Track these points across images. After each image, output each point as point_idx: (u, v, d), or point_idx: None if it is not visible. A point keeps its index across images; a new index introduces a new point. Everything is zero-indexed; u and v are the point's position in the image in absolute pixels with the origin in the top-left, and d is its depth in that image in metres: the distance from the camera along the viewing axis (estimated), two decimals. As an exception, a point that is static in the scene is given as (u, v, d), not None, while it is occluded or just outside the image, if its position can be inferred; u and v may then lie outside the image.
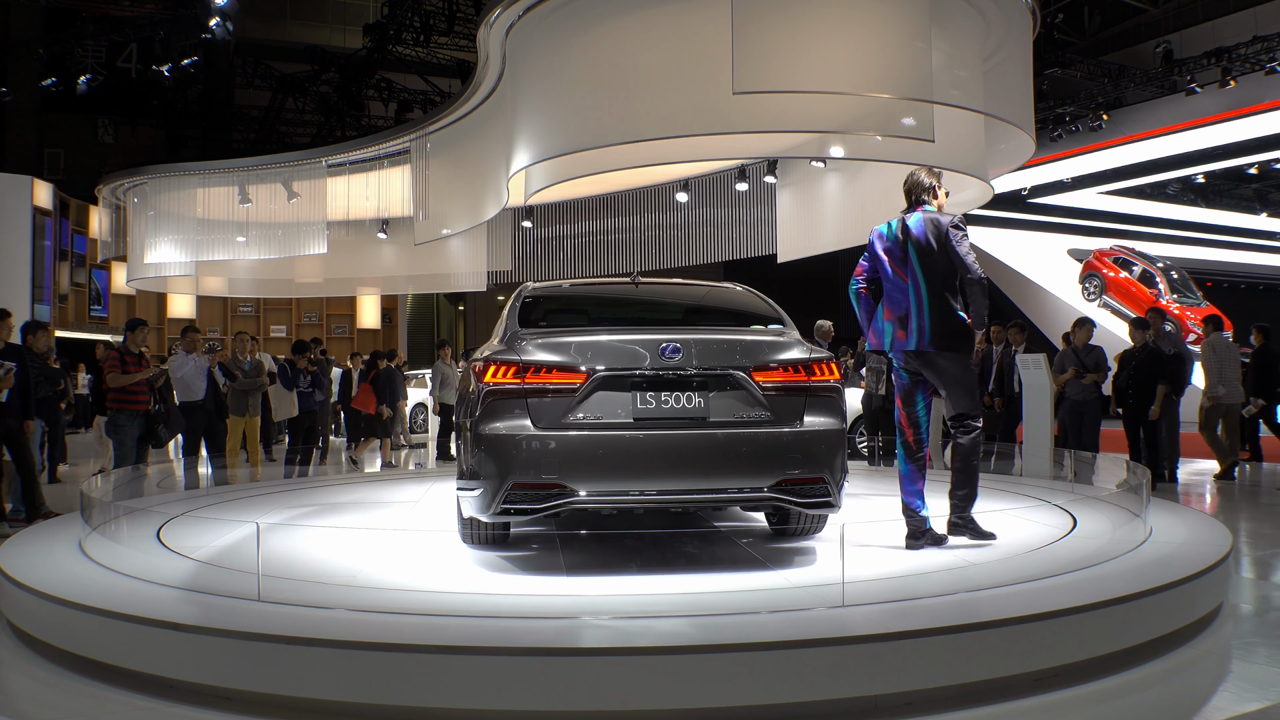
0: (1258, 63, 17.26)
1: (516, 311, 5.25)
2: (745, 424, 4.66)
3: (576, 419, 4.55)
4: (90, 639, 3.99)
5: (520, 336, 4.88)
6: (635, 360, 4.62)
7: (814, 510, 4.84)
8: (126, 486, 7.91)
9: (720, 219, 14.10)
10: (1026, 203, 23.76)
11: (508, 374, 4.58)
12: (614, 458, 4.52)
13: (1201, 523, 5.87)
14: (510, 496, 4.50)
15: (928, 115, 7.77)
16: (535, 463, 4.49)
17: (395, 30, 20.39)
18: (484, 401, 4.60)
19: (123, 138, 25.23)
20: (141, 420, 8.86)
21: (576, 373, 4.57)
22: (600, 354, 4.63)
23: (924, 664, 3.52)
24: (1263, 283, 27.19)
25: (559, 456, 4.49)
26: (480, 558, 5.18)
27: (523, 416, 4.54)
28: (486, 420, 4.57)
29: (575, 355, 4.62)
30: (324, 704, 3.48)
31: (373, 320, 25.65)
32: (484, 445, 4.56)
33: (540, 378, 4.56)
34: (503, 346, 4.88)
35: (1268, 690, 3.73)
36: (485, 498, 4.58)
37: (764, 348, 4.82)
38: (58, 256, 20.33)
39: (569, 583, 4.62)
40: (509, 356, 4.66)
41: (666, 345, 4.63)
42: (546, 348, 4.68)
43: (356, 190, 15.14)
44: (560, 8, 8.58)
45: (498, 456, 4.52)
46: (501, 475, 4.50)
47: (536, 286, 5.69)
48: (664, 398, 4.62)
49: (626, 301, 5.80)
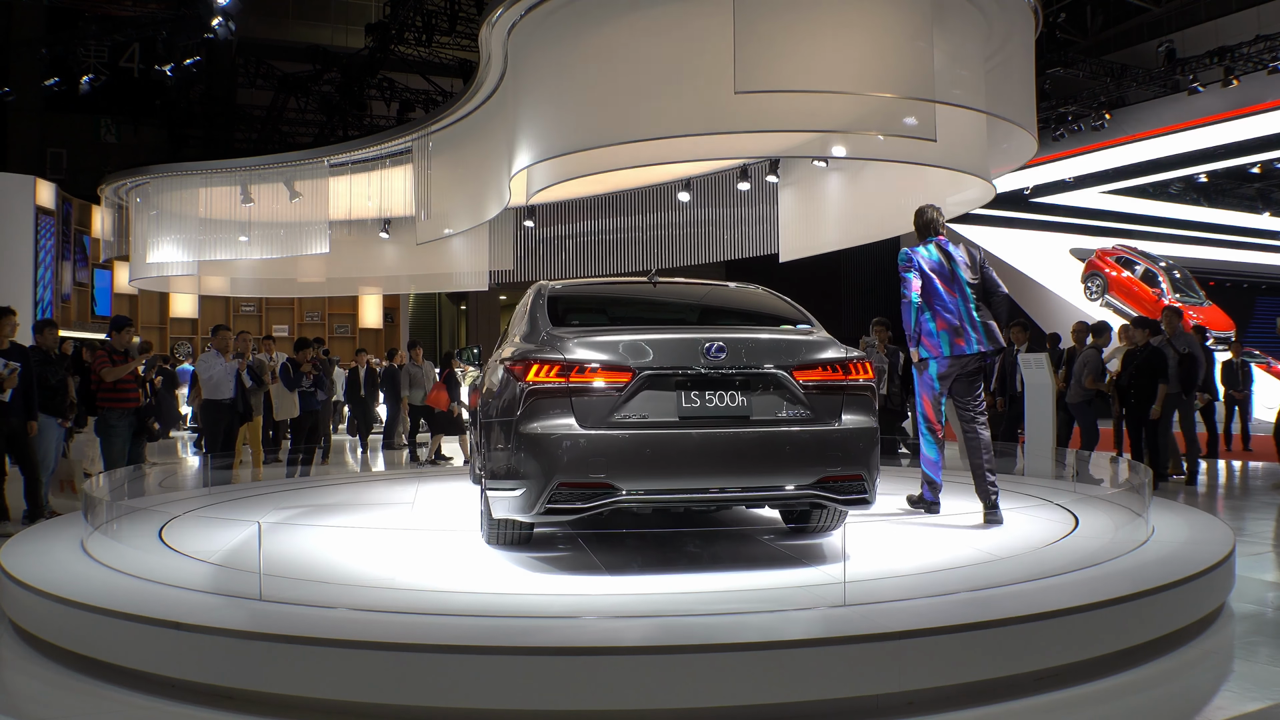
0: (1260, 62, 17.25)
1: (545, 310, 5.20)
2: (787, 422, 4.70)
3: (622, 418, 4.53)
4: (92, 638, 3.99)
5: (559, 335, 4.82)
6: (681, 359, 4.62)
7: (852, 507, 4.86)
8: (128, 486, 7.92)
9: (722, 218, 14.11)
10: (1029, 202, 23.74)
11: (551, 373, 4.54)
12: (661, 456, 4.51)
13: (1204, 522, 5.87)
14: (556, 496, 4.46)
15: (930, 114, 7.77)
16: (582, 462, 4.45)
17: (397, 30, 20.41)
18: (526, 401, 4.54)
19: (125, 137, 25.25)
20: (132, 418, 8.85)
21: (623, 371, 4.54)
22: (646, 353, 4.62)
23: (926, 663, 3.51)
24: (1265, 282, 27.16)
25: (606, 455, 4.46)
26: (480, 557, 5.18)
27: (567, 415, 4.50)
28: (529, 419, 4.52)
29: (621, 354, 4.59)
30: (326, 703, 3.48)
31: (375, 320, 25.65)
32: (527, 445, 4.51)
33: (585, 376, 4.53)
34: (535, 345, 4.83)
35: (1270, 690, 3.73)
36: (527, 498, 4.53)
37: (804, 347, 4.87)
38: (60, 256, 20.35)
39: (569, 582, 4.62)
40: (552, 355, 4.60)
41: (712, 344, 4.64)
42: (591, 346, 4.63)
43: (358, 190, 15.16)
44: (562, 7, 8.59)
45: (543, 456, 4.47)
46: (547, 475, 4.45)
47: (558, 285, 5.66)
48: (709, 396, 4.63)
49: (656, 301, 5.79)
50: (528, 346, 4.87)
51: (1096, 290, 22.77)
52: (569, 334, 4.81)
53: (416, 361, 13.50)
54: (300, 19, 26.53)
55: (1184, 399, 10.39)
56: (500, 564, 5.02)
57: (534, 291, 5.61)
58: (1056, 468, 8.64)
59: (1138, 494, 5.75)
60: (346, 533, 5.83)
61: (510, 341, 5.74)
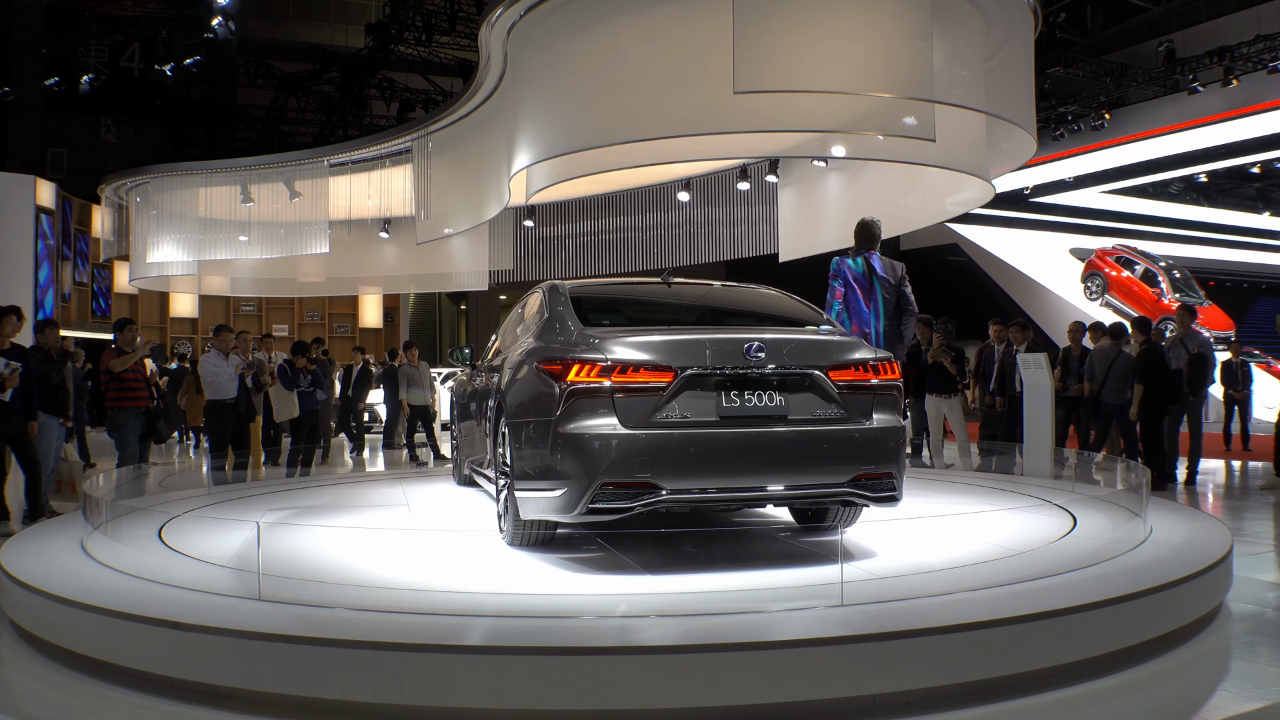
0: (1260, 62, 17.25)
1: (570, 310, 5.19)
2: (823, 421, 4.76)
3: (664, 417, 4.55)
4: (92, 638, 4.00)
5: (595, 335, 4.81)
6: (722, 359, 4.64)
7: (882, 505, 4.92)
8: (129, 485, 7.92)
9: (722, 218, 14.13)
10: (1028, 202, 23.75)
11: (593, 373, 4.53)
12: (703, 455, 4.53)
13: (1202, 522, 5.87)
14: (599, 496, 4.46)
15: (929, 114, 7.78)
16: (626, 462, 4.45)
17: (397, 29, 20.42)
18: (566, 401, 4.52)
19: (125, 137, 25.25)
20: (142, 417, 8.89)
21: (665, 371, 4.55)
22: (687, 353, 4.63)
23: (923, 663, 3.52)
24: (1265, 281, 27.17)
25: (650, 455, 4.47)
26: (477, 557, 5.19)
27: (610, 415, 4.50)
28: (570, 419, 4.52)
29: (663, 354, 4.60)
30: (325, 703, 3.48)
31: (375, 319, 25.65)
32: (567, 445, 4.50)
33: (628, 376, 4.53)
34: (566, 345, 4.82)
35: (1267, 690, 3.73)
36: (568, 498, 4.52)
37: (837, 347, 4.93)
38: (60, 256, 20.35)
39: (569, 582, 4.62)
40: (593, 355, 4.59)
41: (752, 345, 4.67)
42: (632, 346, 4.63)
43: (358, 189, 15.18)
44: (562, 7, 8.60)
45: (585, 456, 4.46)
46: (590, 475, 4.45)
47: (577, 285, 5.66)
48: (748, 396, 4.67)
49: (679, 302, 5.81)
50: (557, 346, 4.86)
51: (1096, 290, 22.77)
52: (605, 334, 4.80)
53: (413, 362, 13.50)
54: (300, 19, 26.52)
55: (1191, 400, 10.39)
56: (499, 564, 5.02)
57: (548, 291, 5.60)
58: (1055, 468, 8.65)
59: (1135, 494, 5.75)
60: (345, 532, 5.84)
61: (518, 342, 5.74)
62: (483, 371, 6.62)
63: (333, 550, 5.26)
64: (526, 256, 15.92)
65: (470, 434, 6.98)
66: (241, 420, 10.26)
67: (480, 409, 6.34)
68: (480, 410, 6.35)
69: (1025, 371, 9.64)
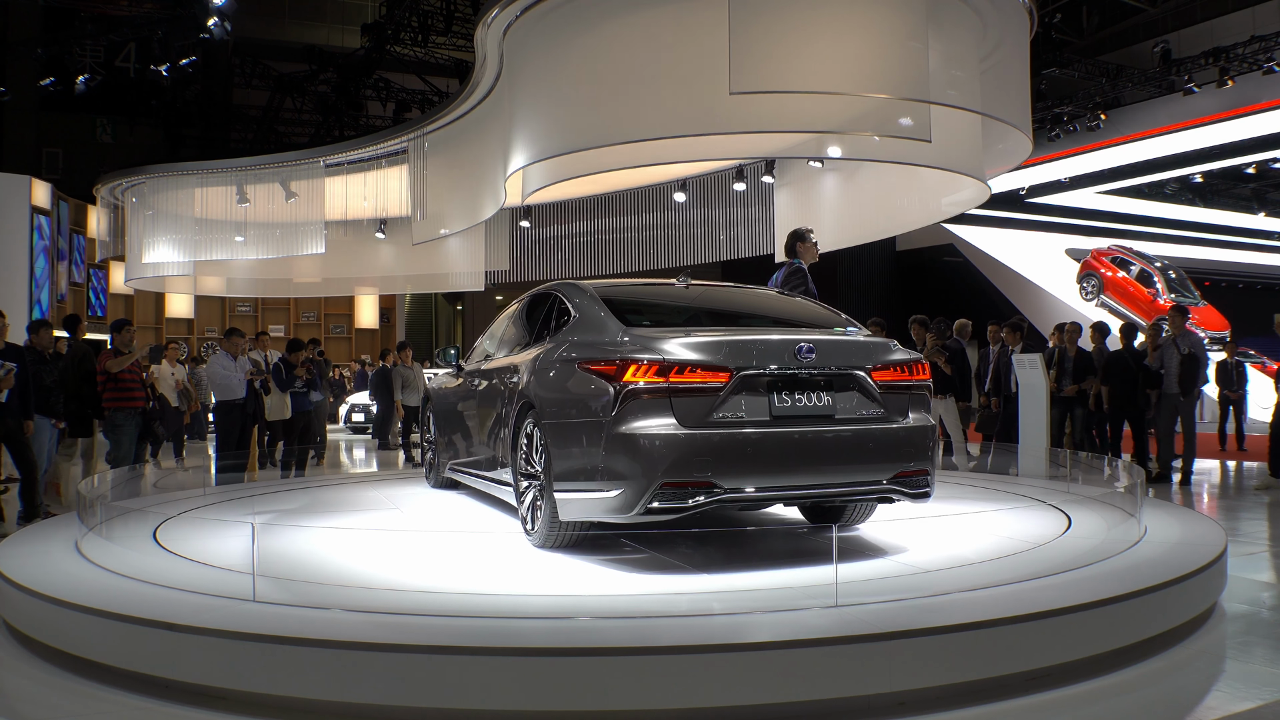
0: (1255, 62, 17.29)
1: (605, 310, 5.18)
2: (866, 421, 4.85)
3: (720, 417, 4.57)
4: (86, 639, 3.99)
5: (645, 335, 4.81)
6: (774, 360, 4.70)
7: (917, 500, 5.02)
8: (124, 486, 7.91)
9: (718, 219, 14.13)
10: (1024, 202, 23.79)
11: (650, 372, 4.53)
12: (758, 455, 4.58)
13: (1196, 522, 5.88)
14: (659, 495, 4.47)
15: (925, 115, 7.78)
16: (686, 461, 4.47)
17: (393, 30, 20.40)
18: (622, 401, 4.53)
19: (121, 137, 25.22)
20: (139, 418, 8.88)
21: (721, 371, 4.58)
22: (741, 353, 4.67)
23: (917, 663, 3.52)
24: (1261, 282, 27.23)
25: (709, 454, 4.50)
26: (473, 558, 5.19)
27: (668, 415, 4.52)
28: (627, 420, 4.52)
29: (719, 354, 4.63)
30: (320, 704, 3.48)
31: (371, 320, 25.66)
32: (624, 445, 4.50)
33: (685, 376, 4.54)
34: (611, 345, 4.81)
35: (1261, 689, 3.74)
36: (625, 498, 4.52)
37: (877, 348, 5.04)
38: (56, 256, 20.32)
39: (566, 582, 4.62)
40: (649, 355, 4.59)
41: (802, 346, 4.74)
42: (688, 347, 4.64)
43: (354, 190, 15.18)
44: (558, 8, 8.59)
45: (644, 456, 4.46)
46: (649, 475, 4.45)
47: (601, 285, 5.66)
48: (798, 396, 4.74)
49: (709, 304, 5.84)
50: (604, 346, 4.84)
51: (1092, 290, 22.80)
52: (653, 334, 4.81)
53: (406, 363, 13.49)
54: (296, 19, 26.51)
55: (1183, 400, 10.41)
56: (493, 565, 5.02)
57: (570, 290, 5.60)
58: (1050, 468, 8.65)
59: (1130, 494, 5.76)
60: (340, 533, 5.83)
61: (530, 343, 5.74)
62: (478, 373, 6.55)
63: (327, 551, 5.25)
64: (522, 257, 15.91)
65: (462, 436, 6.90)
66: (249, 421, 10.30)
67: (484, 411, 6.26)
68: (483, 412, 6.27)
69: (1020, 372, 9.66)
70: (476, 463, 6.51)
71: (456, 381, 7.14)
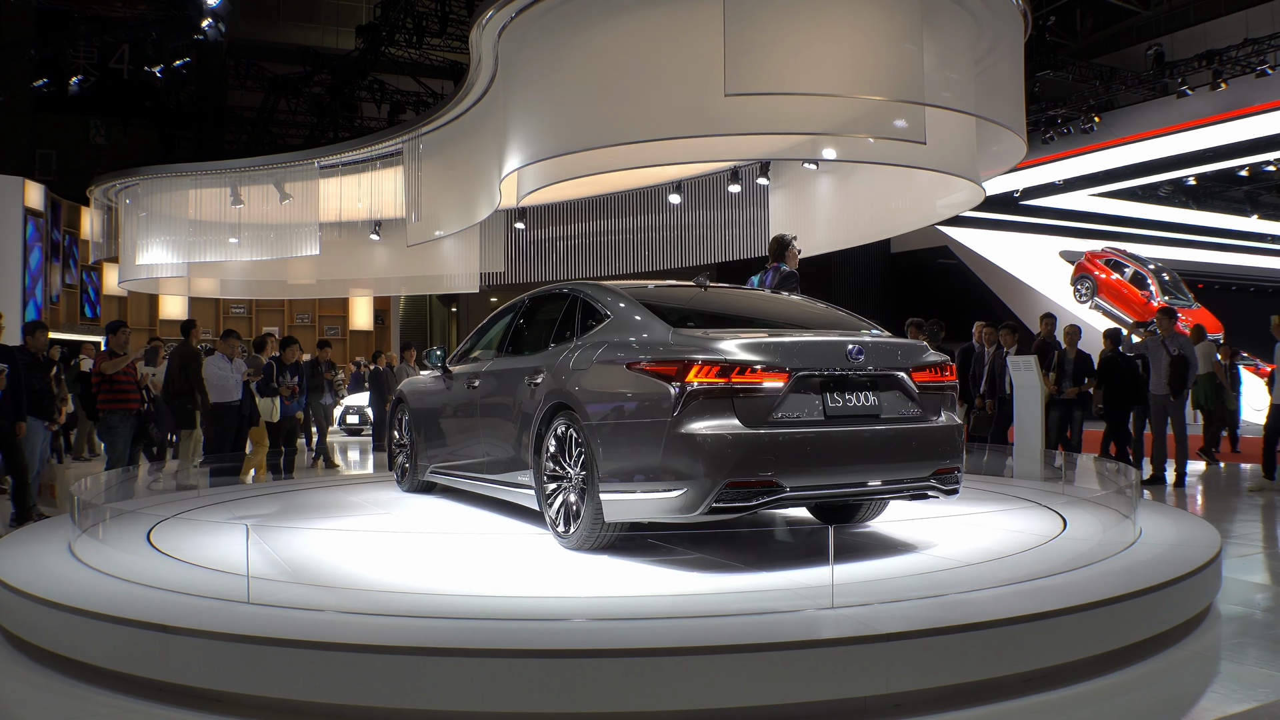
0: (1248, 65, 17.34)
1: (645, 311, 5.20)
2: (908, 420, 5.01)
3: (779, 417, 4.66)
4: (80, 641, 3.98)
5: (699, 337, 4.85)
6: (827, 360, 4.81)
7: (949, 496, 5.17)
8: (118, 488, 7.89)
9: (713, 220, 14.12)
10: (1018, 205, 23.83)
11: (712, 373, 4.58)
12: (815, 453, 4.69)
13: (1191, 524, 5.89)
14: (723, 495, 4.52)
15: (919, 117, 7.79)
16: (751, 461, 4.53)
17: (388, 31, 20.39)
18: (685, 401, 4.56)
19: (115, 138, 25.16)
20: (134, 420, 8.87)
21: (780, 372, 4.66)
22: (797, 354, 4.76)
23: (913, 665, 3.52)
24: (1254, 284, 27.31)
25: (772, 454, 4.57)
26: (469, 558, 5.18)
27: (730, 415, 4.57)
28: (690, 420, 4.55)
29: (777, 355, 4.70)
30: (315, 706, 3.47)
31: (365, 321, 25.63)
32: (688, 445, 4.53)
33: (746, 377, 4.60)
34: (661, 346, 4.83)
35: (1256, 691, 3.74)
36: (689, 498, 4.54)
37: (915, 350, 5.22)
38: (49, 257, 20.28)
39: (561, 584, 4.62)
40: (710, 356, 4.62)
41: (852, 347, 4.87)
42: (746, 348, 4.69)
43: (349, 191, 15.14)
44: (552, 9, 8.59)
45: (709, 456, 4.50)
46: (714, 475, 4.49)
47: (628, 286, 5.69)
48: (848, 396, 4.86)
49: (735, 305, 5.89)
50: (658, 347, 4.85)
51: (1086, 293, 22.85)
52: (707, 336, 4.85)
53: (410, 364, 13.47)
54: (290, 20, 26.48)
55: (1172, 401, 10.44)
56: (490, 566, 5.01)
57: (597, 291, 5.60)
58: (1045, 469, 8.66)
59: (1125, 496, 5.77)
60: (333, 535, 5.82)
61: (548, 344, 5.72)
62: (478, 375, 6.42)
63: (321, 553, 5.24)
64: (517, 259, 15.90)
65: (454, 438, 6.77)
66: (244, 423, 10.26)
67: (491, 413, 6.16)
68: (490, 414, 6.17)
69: (1015, 374, 9.67)
70: (477, 465, 6.41)
71: (442, 383, 7.01)
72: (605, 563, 4.97)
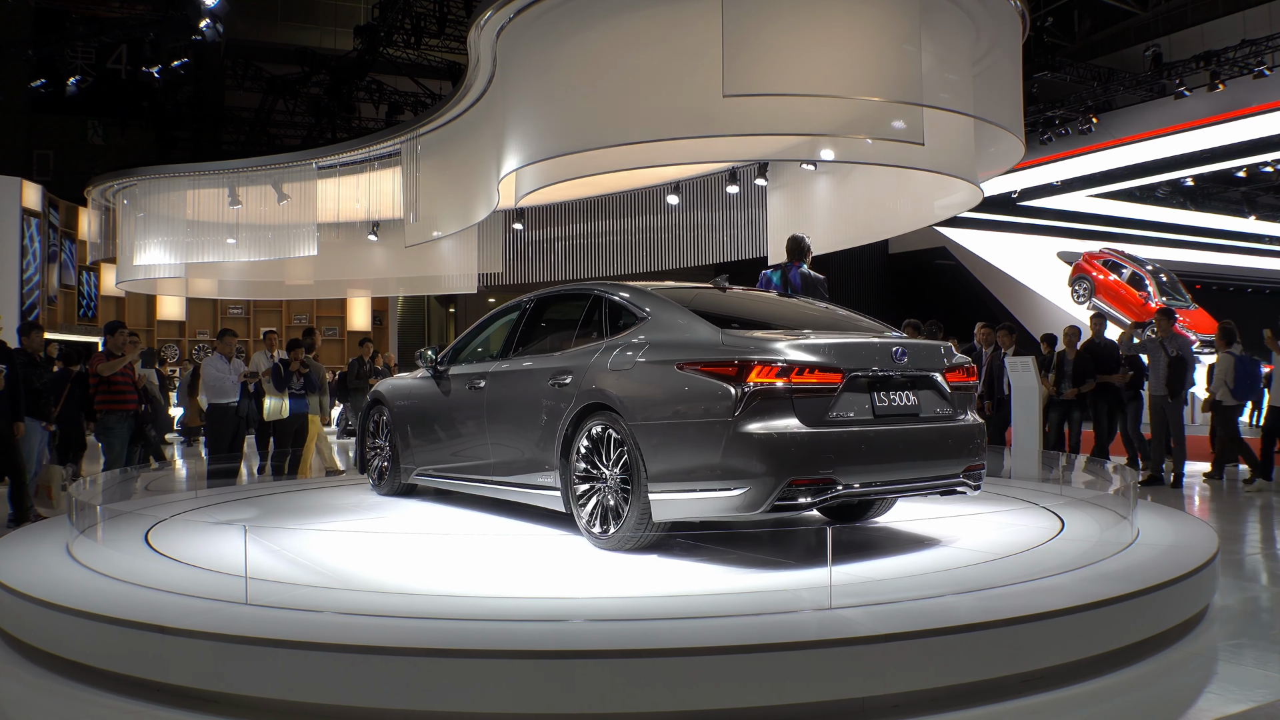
0: (1246, 66, 17.35)
1: (686, 313, 5.25)
2: (943, 419, 5.22)
3: (835, 416, 4.79)
4: (77, 642, 3.98)
5: (745, 338, 4.91)
6: (875, 361, 4.98)
7: (975, 491, 5.35)
8: (116, 489, 7.88)
9: (711, 221, 14.12)
10: (1016, 205, 23.81)
11: (773, 373, 4.67)
12: (868, 451, 4.84)
13: (1188, 525, 5.90)
14: (785, 493, 4.62)
15: (917, 118, 7.79)
16: (812, 459, 4.65)
17: (386, 32, 20.38)
18: (748, 401, 4.64)
19: (112, 139, 25.13)
20: (131, 421, 8.87)
21: (835, 373, 4.80)
22: (849, 355, 4.91)
23: (911, 666, 3.52)
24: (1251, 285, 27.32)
25: (831, 452, 4.71)
26: (466, 559, 5.18)
27: (790, 415, 4.68)
28: (753, 419, 4.64)
29: (832, 356, 4.84)
30: (313, 707, 3.47)
31: (363, 322, 25.60)
32: (751, 444, 4.61)
33: (805, 378, 4.72)
34: (711, 346, 4.88)
35: (1254, 692, 3.75)
36: (752, 496, 4.62)
37: (946, 351, 5.43)
38: (46, 258, 20.26)
39: (560, 584, 4.62)
40: (769, 356, 4.70)
41: (897, 349, 5.06)
42: (802, 349, 4.80)
43: (347, 192, 15.12)
44: (551, 10, 8.59)
45: (774, 455, 4.60)
46: (778, 473, 4.59)
47: (658, 287, 5.72)
48: (892, 396, 5.04)
49: (765, 308, 5.93)
50: (700, 348, 4.91)
51: (1084, 293, 22.85)
52: (758, 337, 4.93)
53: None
54: (288, 21, 26.46)
55: (1169, 401, 10.45)
56: (488, 567, 5.02)
57: (631, 292, 5.61)
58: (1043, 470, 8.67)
59: (1123, 496, 5.77)
60: (332, 536, 5.82)
61: (568, 345, 5.73)
62: (485, 375, 6.33)
63: (319, 554, 5.24)
64: (515, 259, 15.90)
65: (454, 440, 6.65)
66: (242, 424, 10.25)
67: (502, 414, 6.09)
68: (501, 415, 6.11)
69: (1013, 374, 9.67)
70: (482, 467, 6.32)
71: (433, 384, 6.91)
72: (604, 564, 4.97)
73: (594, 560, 5.06)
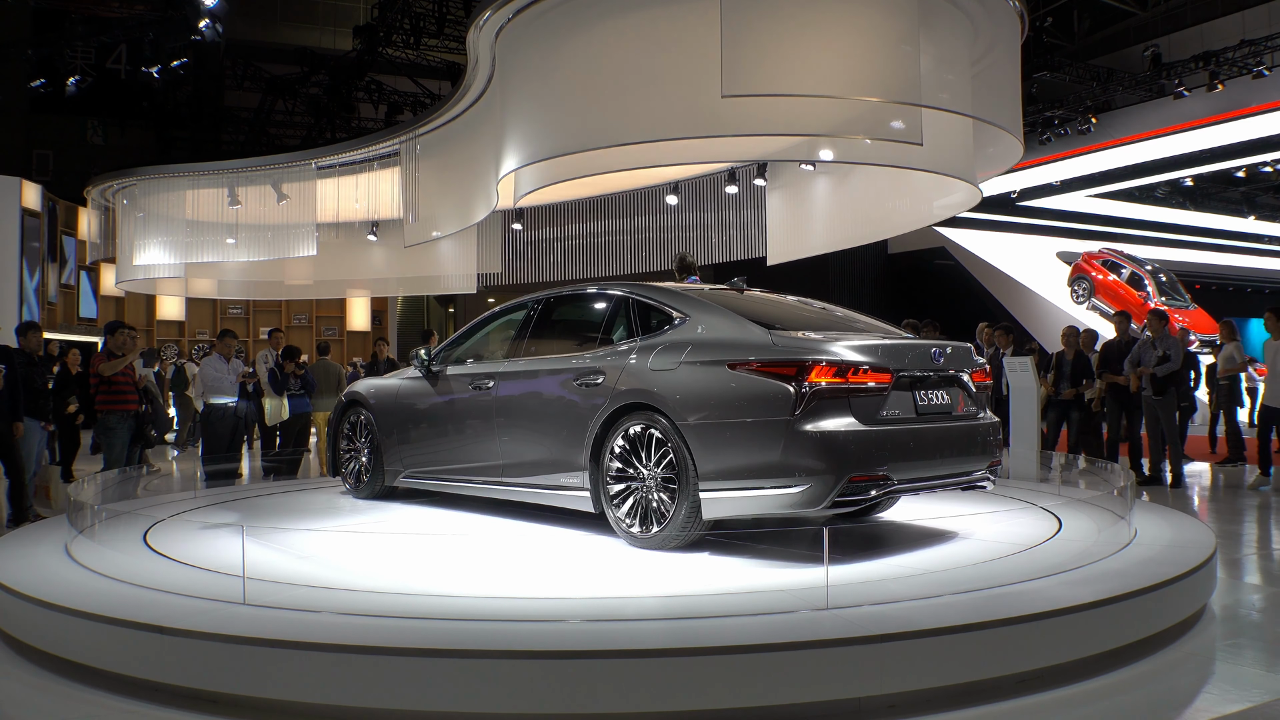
0: (1245, 66, 17.35)
1: (729, 313, 5.33)
2: (971, 417, 5.47)
3: (885, 414, 4.97)
4: (76, 642, 3.98)
5: (794, 338, 5.04)
6: (918, 362, 5.19)
7: (992, 486, 5.64)
8: (115, 489, 7.88)
9: (710, 221, 14.11)
10: (1015, 206, 23.81)
11: (830, 373, 4.82)
12: (917, 448, 5.05)
13: (1186, 525, 5.90)
14: (845, 490, 4.76)
15: (916, 118, 7.79)
16: (870, 456, 4.82)
17: (385, 32, 20.38)
18: (807, 401, 4.76)
19: (112, 139, 25.14)
20: (132, 421, 8.87)
21: (885, 373, 4.97)
22: (896, 355, 5.08)
23: (908, 666, 3.53)
24: (1250, 285, 27.33)
25: (886, 449, 4.88)
26: (464, 559, 5.18)
27: (847, 414, 4.84)
28: (813, 418, 4.76)
29: (882, 356, 5.01)
30: (311, 708, 3.48)
31: (363, 322, 25.62)
32: (811, 443, 4.73)
33: (860, 377, 4.89)
34: (760, 347, 4.97)
35: (1251, 691, 3.75)
36: (813, 493, 4.73)
37: (970, 352, 5.63)
38: (46, 258, 20.25)
39: (559, 584, 4.62)
40: (827, 357, 4.84)
41: (936, 350, 5.29)
42: (855, 350, 4.95)
43: (346, 192, 15.11)
44: (550, 10, 8.58)
45: (835, 452, 4.74)
46: (839, 470, 4.73)
47: (690, 289, 5.85)
48: (930, 395, 5.25)
49: (787, 309, 5.95)
50: (750, 348, 4.99)
51: (1083, 293, 22.85)
52: (808, 338, 5.06)
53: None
54: (288, 21, 26.47)
55: (1158, 400, 10.45)
56: (485, 567, 5.02)
57: (666, 294, 5.65)
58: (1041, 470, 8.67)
59: (1120, 497, 5.78)
60: (332, 536, 5.82)
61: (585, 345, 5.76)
62: (494, 375, 6.24)
63: (318, 554, 5.25)
64: (515, 260, 15.89)
65: (454, 442, 6.55)
66: (240, 425, 10.25)
67: (516, 415, 6.03)
68: (513, 416, 6.04)
69: (1011, 375, 9.68)
70: (490, 469, 6.25)
71: (426, 384, 6.81)
72: (601, 564, 4.98)
73: (592, 560, 5.07)
